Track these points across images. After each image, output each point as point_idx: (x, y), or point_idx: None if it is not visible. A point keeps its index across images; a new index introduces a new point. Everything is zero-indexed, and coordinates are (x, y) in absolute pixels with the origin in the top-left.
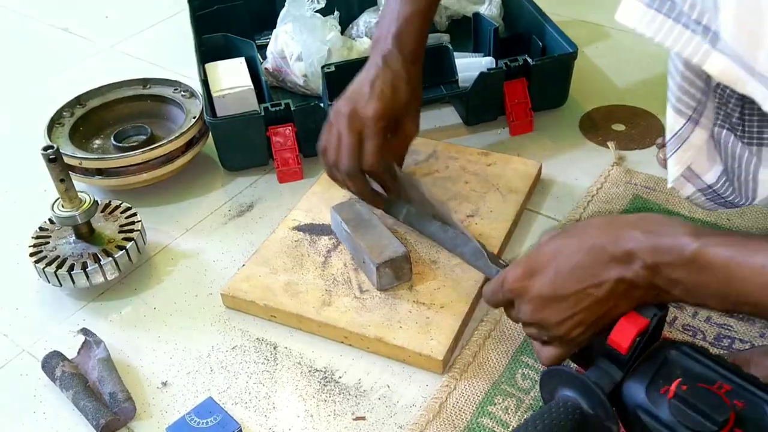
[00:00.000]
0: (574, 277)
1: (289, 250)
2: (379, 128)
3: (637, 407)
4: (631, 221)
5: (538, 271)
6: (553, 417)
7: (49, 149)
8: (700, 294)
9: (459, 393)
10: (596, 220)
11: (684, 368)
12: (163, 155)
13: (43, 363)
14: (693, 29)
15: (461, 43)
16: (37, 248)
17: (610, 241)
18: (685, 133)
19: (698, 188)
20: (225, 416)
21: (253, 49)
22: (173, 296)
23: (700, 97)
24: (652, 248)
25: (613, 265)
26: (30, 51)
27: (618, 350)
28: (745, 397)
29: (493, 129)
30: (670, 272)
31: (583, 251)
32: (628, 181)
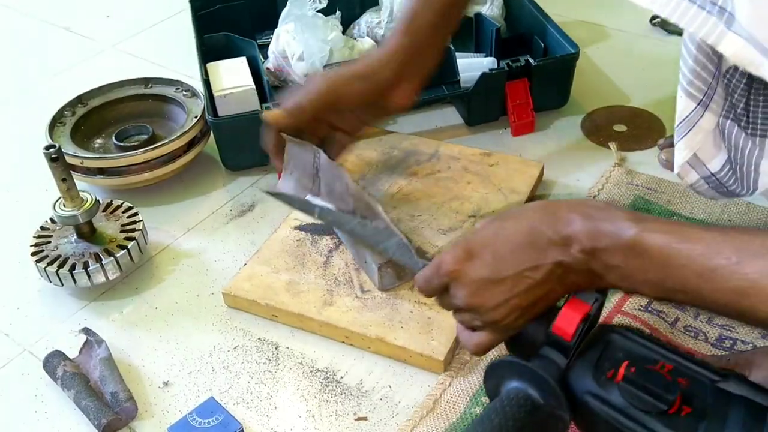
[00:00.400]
0: (512, 260)
1: (291, 249)
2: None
3: (585, 393)
4: (570, 206)
5: (476, 254)
6: (506, 410)
7: (51, 148)
8: (636, 280)
9: (453, 389)
10: (535, 204)
11: (626, 351)
12: (165, 155)
13: (44, 362)
14: (709, 10)
15: (463, 44)
16: (38, 247)
17: (549, 225)
18: (695, 117)
19: (702, 176)
20: (227, 416)
21: (254, 48)
22: (175, 296)
23: (711, 81)
24: (590, 232)
25: (551, 249)
26: (32, 50)
27: (563, 337)
28: (687, 374)
29: (495, 129)
30: (607, 257)
31: (521, 234)
32: (630, 182)
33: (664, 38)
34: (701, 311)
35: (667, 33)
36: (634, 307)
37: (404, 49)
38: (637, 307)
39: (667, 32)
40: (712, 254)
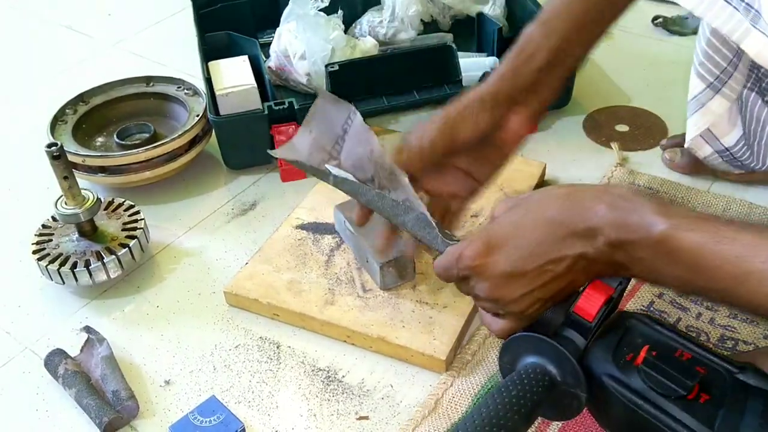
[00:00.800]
0: (534, 253)
1: (293, 248)
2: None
3: (604, 374)
4: (595, 194)
5: (497, 248)
6: (524, 384)
7: (53, 146)
8: (664, 275)
9: (455, 389)
10: (557, 190)
11: (646, 336)
12: (166, 153)
13: (45, 361)
14: (735, 5)
15: (465, 43)
16: (40, 246)
17: (573, 215)
18: (703, 99)
19: (716, 150)
20: (228, 415)
21: (256, 47)
22: (176, 294)
23: (726, 66)
24: (616, 224)
25: (574, 241)
26: (33, 48)
27: (584, 318)
28: (705, 364)
29: None
30: (634, 251)
31: (543, 225)
32: (632, 182)
33: (666, 38)
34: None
35: (669, 33)
36: (636, 307)
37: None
38: (640, 306)
39: (669, 32)
40: (748, 257)
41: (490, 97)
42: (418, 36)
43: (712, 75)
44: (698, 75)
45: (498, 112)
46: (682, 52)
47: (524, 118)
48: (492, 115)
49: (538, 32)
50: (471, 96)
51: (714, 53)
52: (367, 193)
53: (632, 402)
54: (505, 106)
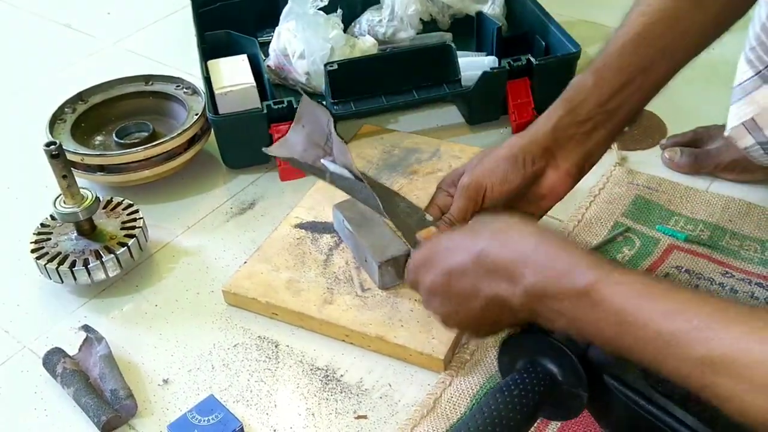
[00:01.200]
0: (456, 280)
1: (291, 247)
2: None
3: (605, 373)
4: (529, 232)
5: (431, 265)
6: (526, 383)
7: (52, 145)
8: (588, 332)
9: (454, 389)
10: (498, 222)
11: None
12: (165, 152)
13: (44, 360)
14: None
15: (464, 42)
16: (38, 244)
17: (498, 251)
18: (749, 86)
19: (758, 141)
20: (226, 414)
21: (255, 46)
22: (175, 294)
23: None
24: (538, 270)
25: (492, 279)
26: (32, 47)
27: None
28: None
29: (496, 129)
30: (553, 303)
31: (471, 254)
32: (630, 181)
33: None
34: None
35: None
36: None
37: (561, 116)
38: None
39: None
40: (675, 315)
41: (523, 152)
42: (418, 35)
43: (762, 63)
44: (747, 60)
45: (530, 168)
46: None
47: (563, 173)
48: (524, 172)
49: (590, 81)
50: (505, 150)
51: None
52: (363, 191)
53: (634, 402)
54: (542, 160)
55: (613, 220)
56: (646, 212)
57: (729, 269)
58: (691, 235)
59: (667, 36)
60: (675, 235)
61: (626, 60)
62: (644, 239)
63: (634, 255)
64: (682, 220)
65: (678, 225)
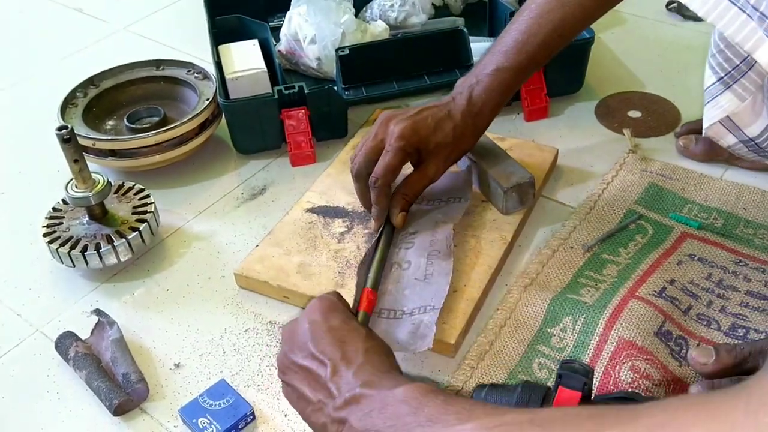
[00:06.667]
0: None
1: (303, 231)
2: (397, 147)
3: None
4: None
5: (287, 339)
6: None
7: (64, 129)
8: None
9: (475, 381)
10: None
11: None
12: (176, 137)
13: (56, 343)
14: (749, 13)
15: (476, 28)
16: (50, 229)
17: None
18: (714, 91)
19: (740, 140)
20: (237, 398)
21: (266, 31)
22: (186, 278)
23: (739, 64)
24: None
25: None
26: (44, 32)
27: None
28: None
29: (508, 114)
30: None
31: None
32: (644, 168)
33: (680, 23)
34: (714, 299)
35: (683, 18)
36: (648, 292)
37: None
38: (651, 292)
39: (683, 17)
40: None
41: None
42: (429, 20)
43: (722, 70)
44: (710, 66)
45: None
46: (697, 38)
47: None
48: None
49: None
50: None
51: (726, 48)
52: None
53: None
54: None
55: (625, 207)
56: (660, 200)
57: (742, 258)
58: (705, 223)
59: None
60: (688, 223)
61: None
62: (657, 227)
63: (646, 243)
64: (695, 207)
65: (691, 213)
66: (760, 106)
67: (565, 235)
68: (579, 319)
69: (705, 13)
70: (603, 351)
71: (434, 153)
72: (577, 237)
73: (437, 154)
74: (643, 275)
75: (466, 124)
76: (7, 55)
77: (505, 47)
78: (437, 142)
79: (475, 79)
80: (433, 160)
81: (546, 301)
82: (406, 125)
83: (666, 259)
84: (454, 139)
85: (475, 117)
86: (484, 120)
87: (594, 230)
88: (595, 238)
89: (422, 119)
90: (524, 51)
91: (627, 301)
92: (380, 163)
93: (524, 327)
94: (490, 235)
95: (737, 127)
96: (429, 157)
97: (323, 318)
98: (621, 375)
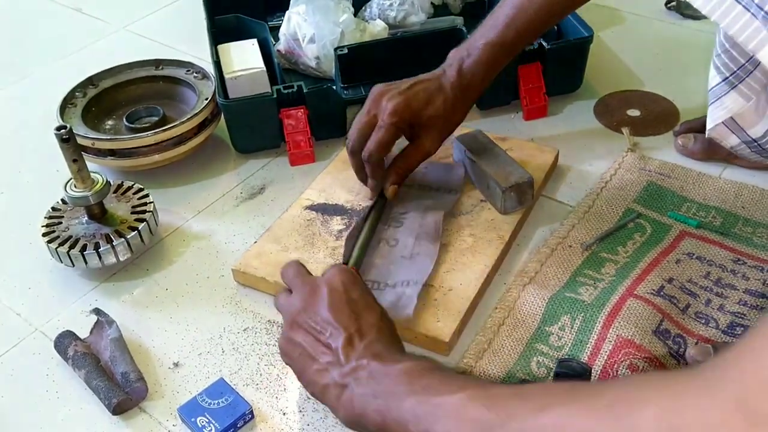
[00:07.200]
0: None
1: (301, 228)
2: (389, 123)
3: None
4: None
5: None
6: None
7: (63, 129)
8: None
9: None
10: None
11: None
12: (175, 137)
13: (55, 342)
14: (754, 12)
15: (475, 27)
16: (49, 228)
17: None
18: (719, 92)
19: (743, 140)
20: (236, 397)
21: (265, 30)
22: (185, 277)
23: (744, 63)
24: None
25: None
26: (43, 31)
27: None
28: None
29: (507, 113)
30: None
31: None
32: (643, 167)
33: (679, 22)
34: (712, 297)
35: (683, 17)
36: (646, 291)
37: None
38: (650, 290)
39: (682, 16)
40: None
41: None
42: (429, 19)
43: (728, 70)
44: (715, 67)
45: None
46: (696, 36)
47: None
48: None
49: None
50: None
51: (731, 47)
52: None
53: None
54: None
55: (624, 206)
56: (658, 198)
57: (741, 256)
58: (703, 222)
59: None
60: (687, 222)
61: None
62: (656, 225)
63: (645, 241)
64: (694, 206)
65: (690, 211)
66: (764, 107)
67: (564, 233)
68: (577, 318)
69: (709, 11)
70: (601, 349)
71: (427, 126)
72: (575, 236)
73: (431, 128)
74: (641, 274)
75: (456, 97)
76: (6, 55)
77: (496, 21)
78: (429, 116)
79: (466, 51)
80: (427, 134)
81: (544, 299)
82: (398, 101)
83: (664, 258)
84: (445, 112)
85: (465, 90)
86: (474, 92)
87: (592, 229)
88: (593, 237)
89: (414, 94)
90: (514, 26)
91: (625, 300)
92: (373, 138)
93: (523, 325)
94: (488, 235)
95: (740, 128)
96: (423, 131)
97: (344, 288)
98: (619, 373)
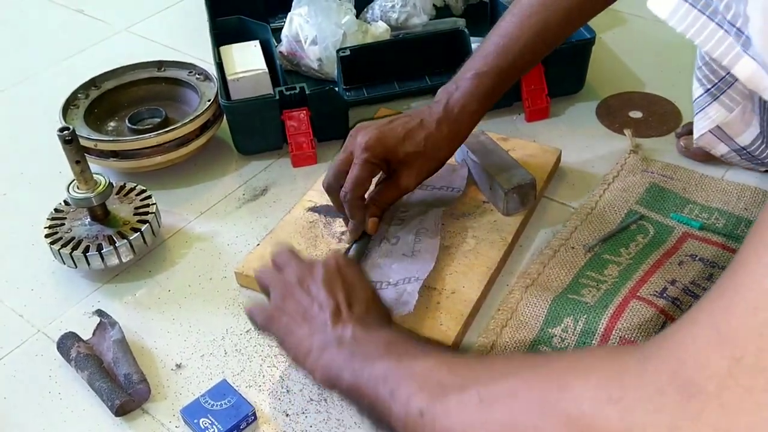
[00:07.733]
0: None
1: (304, 230)
2: (363, 159)
3: None
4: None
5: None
6: None
7: (65, 130)
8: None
9: None
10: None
11: None
12: (178, 138)
13: (58, 344)
14: (726, 29)
15: (477, 28)
16: (52, 230)
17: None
18: (702, 103)
19: (732, 149)
20: (239, 399)
21: (267, 32)
22: (187, 279)
23: (725, 75)
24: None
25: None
26: (45, 33)
27: None
28: None
29: (509, 115)
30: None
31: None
32: (645, 169)
33: None
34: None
35: None
36: (649, 293)
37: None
38: (653, 292)
39: None
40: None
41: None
42: (431, 21)
43: (709, 81)
44: (697, 79)
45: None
46: None
47: None
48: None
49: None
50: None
51: (711, 60)
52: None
53: None
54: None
55: (627, 207)
56: (661, 200)
57: None
58: (706, 224)
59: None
60: (690, 224)
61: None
62: (658, 227)
63: (648, 243)
64: (696, 208)
65: (693, 213)
66: (749, 116)
67: (567, 235)
68: (580, 320)
69: (684, 29)
70: None
71: (406, 163)
72: (578, 237)
73: (410, 165)
74: (644, 275)
75: (441, 132)
76: (8, 57)
77: (485, 52)
78: (407, 152)
79: (454, 85)
80: (404, 171)
81: (547, 301)
82: (371, 136)
83: (667, 260)
84: (426, 148)
85: (452, 124)
86: (462, 126)
87: (595, 230)
88: (596, 239)
89: (390, 129)
90: (504, 55)
91: (628, 302)
92: (348, 176)
93: (525, 327)
94: (491, 236)
95: (728, 136)
96: (401, 167)
97: (338, 267)
98: None
